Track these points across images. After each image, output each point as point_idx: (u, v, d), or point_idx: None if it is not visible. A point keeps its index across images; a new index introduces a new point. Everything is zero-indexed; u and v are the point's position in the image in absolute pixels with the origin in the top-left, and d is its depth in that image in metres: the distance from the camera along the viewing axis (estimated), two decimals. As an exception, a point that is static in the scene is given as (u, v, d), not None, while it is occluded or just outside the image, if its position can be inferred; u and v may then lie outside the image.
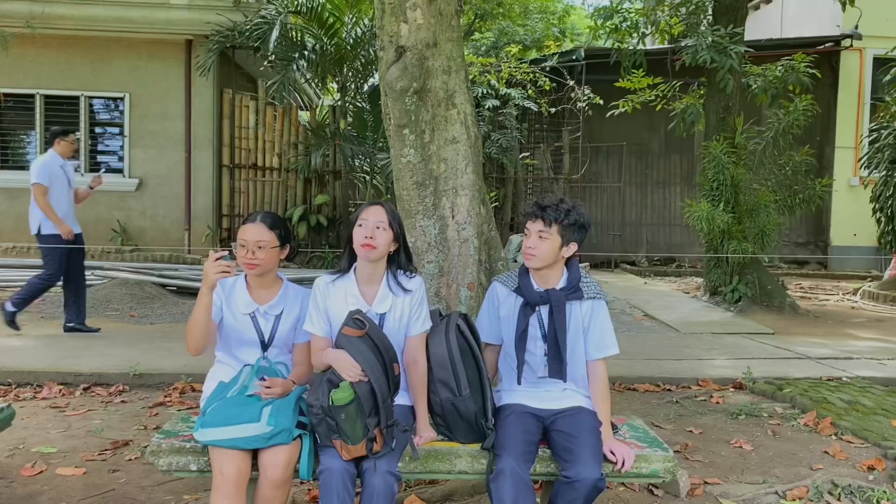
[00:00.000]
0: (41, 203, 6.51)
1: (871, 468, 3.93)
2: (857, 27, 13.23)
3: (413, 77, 3.65)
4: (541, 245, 2.79)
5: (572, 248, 2.83)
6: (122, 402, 4.96)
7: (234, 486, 2.44)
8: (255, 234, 2.72)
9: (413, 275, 2.85)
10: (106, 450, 3.97)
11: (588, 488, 2.51)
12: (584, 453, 2.56)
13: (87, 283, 9.08)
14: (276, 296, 2.82)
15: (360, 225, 2.71)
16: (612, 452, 2.68)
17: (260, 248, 2.72)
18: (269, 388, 2.60)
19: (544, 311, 2.83)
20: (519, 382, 2.87)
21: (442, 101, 3.78)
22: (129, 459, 3.85)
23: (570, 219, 2.78)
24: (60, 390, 5.11)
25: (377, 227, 2.69)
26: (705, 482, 3.70)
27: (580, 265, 2.98)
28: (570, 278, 2.86)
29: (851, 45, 13.62)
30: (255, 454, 2.54)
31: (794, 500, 3.50)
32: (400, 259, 2.80)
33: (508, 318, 2.90)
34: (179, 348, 6.11)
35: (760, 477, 3.79)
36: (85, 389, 5.18)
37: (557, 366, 2.81)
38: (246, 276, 2.84)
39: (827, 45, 13.58)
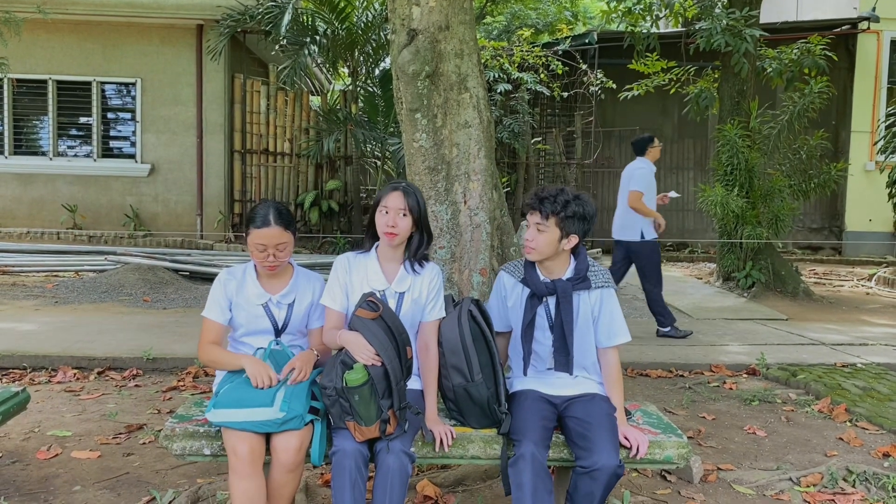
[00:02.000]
0: (644, 208, 6.83)
1: (886, 455, 3.91)
2: (874, 9, 13.06)
3: (425, 60, 3.63)
4: (539, 238, 2.73)
5: (573, 240, 2.77)
6: (136, 386, 4.99)
7: (250, 465, 2.45)
8: (274, 239, 2.68)
9: (426, 261, 2.85)
10: (120, 433, 4.00)
11: (607, 476, 2.49)
12: (600, 441, 2.54)
13: (100, 268, 9.16)
14: (287, 284, 2.81)
15: (385, 212, 2.72)
16: (626, 438, 2.66)
17: (281, 250, 2.71)
18: (295, 373, 2.58)
19: (551, 301, 2.79)
20: (525, 373, 2.87)
21: (454, 84, 3.75)
22: (144, 443, 3.87)
23: (569, 210, 2.70)
24: (75, 374, 5.15)
25: (400, 215, 2.70)
26: (718, 468, 3.68)
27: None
28: (577, 268, 2.81)
29: (869, 28, 13.43)
30: (267, 437, 2.55)
31: (808, 486, 3.48)
32: (413, 243, 2.79)
33: (515, 308, 2.88)
34: (192, 333, 6.14)
35: (774, 463, 3.78)
36: (99, 373, 5.22)
37: (563, 359, 2.78)
38: (256, 266, 2.82)
39: (844, 27, 13.40)
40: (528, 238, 2.75)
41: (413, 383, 2.79)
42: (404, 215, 2.70)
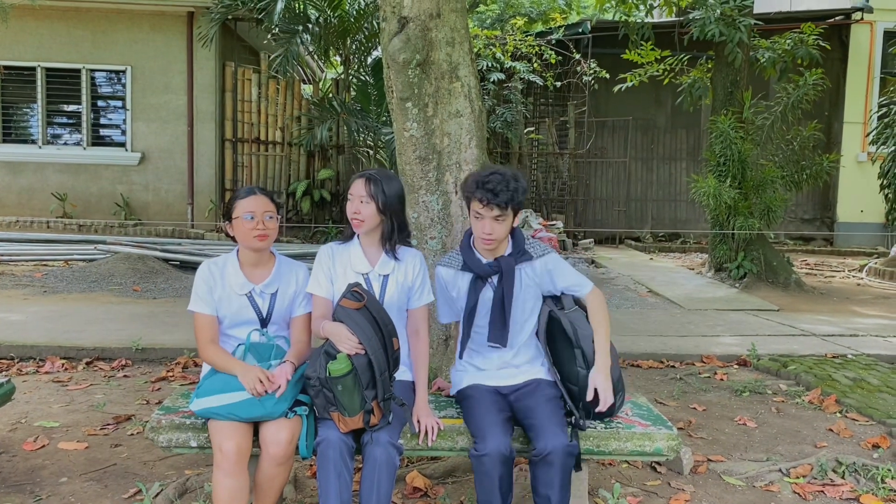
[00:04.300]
0: None
1: (875, 446, 3.91)
2: (868, 0, 13.03)
3: (416, 49, 3.58)
4: (498, 228, 2.71)
5: (520, 215, 2.81)
6: (125, 376, 4.95)
7: (235, 463, 2.42)
8: (262, 205, 2.70)
9: (405, 247, 2.85)
10: (108, 424, 3.97)
11: (561, 457, 2.48)
12: (544, 424, 2.55)
13: (90, 257, 9.11)
14: (270, 274, 2.77)
15: (350, 200, 2.76)
16: (596, 391, 2.65)
17: (269, 217, 2.70)
18: (273, 383, 2.51)
19: (496, 279, 2.80)
20: (461, 357, 2.88)
21: (445, 73, 3.70)
22: (131, 434, 3.85)
23: (520, 194, 2.71)
24: (63, 365, 5.11)
25: (361, 202, 2.71)
26: (709, 459, 3.68)
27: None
28: (515, 243, 2.82)
29: (862, 18, 13.42)
30: (255, 431, 2.52)
31: (798, 477, 3.48)
32: (384, 231, 2.78)
33: (459, 297, 2.88)
34: (182, 323, 6.11)
35: (764, 454, 3.78)
36: (87, 364, 5.18)
37: (498, 332, 2.78)
38: (238, 254, 2.78)
39: (837, 18, 13.39)
40: (488, 232, 2.71)
41: (403, 374, 2.78)
42: (365, 202, 2.70)
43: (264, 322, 2.74)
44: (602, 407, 2.61)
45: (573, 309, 2.81)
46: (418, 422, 2.65)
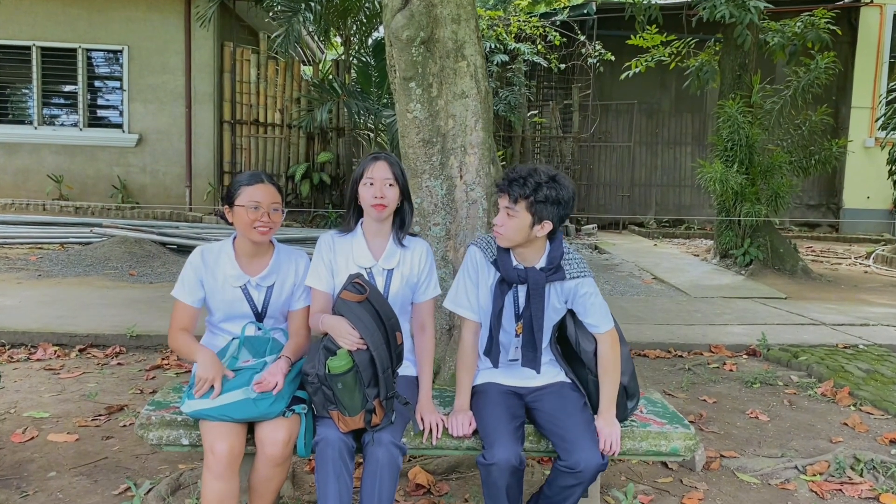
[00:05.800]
0: None
1: (892, 441, 3.79)
2: (878, -18, 12.83)
3: (420, 26, 3.42)
4: (508, 223, 2.44)
5: (546, 226, 2.46)
6: (119, 364, 4.82)
7: (227, 466, 2.27)
8: (270, 196, 2.52)
9: (415, 236, 2.73)
10: (100, 415, 3.84)
11: (591, 473, 2.36)
12: (580, 440, 2.38)
13: (86, 240, 8.96)
14: (267, 266, 2.60)
15: (370, 184, 2.55)
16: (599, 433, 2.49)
17: (275, 210, 2.53)
18: (268, 381, 2.37)
19: (521, 289, 2.55)
20: (496, 366, 2.62)
21: (451, 52, 3.55)
22: (124, 425, 3.72)
23: (541, 195, 2.40)
24: (55, 352, 4.97)
25: (387, 185, 2.54)
26: (721, 455, 3.55)
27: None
28: (550, 256, 2.52)
29: (872, 2, 13.20)
30: (250, 429, 2.39)
31: (814, 475, 3.35)
32: (403, 213, 2.63)
33: (483, 291, 2.61)
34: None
35: (778, 450, 3.65)
36: (80, 351, 5.05)
37: (531, 355, 2.55)
38: (234, 242, 2.61)
39: (847, 0, 13.16)
40: (498, 223, 2.48)
41: (406, 369, 2.64)
42: (391, 185, 2.54)
43: (259, 316, 2.58)
44: (607, 450, 2.45)
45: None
46: (422, 419, 2.51)
